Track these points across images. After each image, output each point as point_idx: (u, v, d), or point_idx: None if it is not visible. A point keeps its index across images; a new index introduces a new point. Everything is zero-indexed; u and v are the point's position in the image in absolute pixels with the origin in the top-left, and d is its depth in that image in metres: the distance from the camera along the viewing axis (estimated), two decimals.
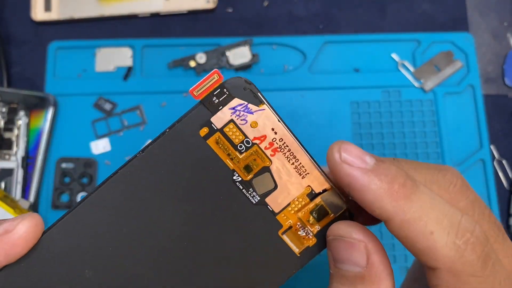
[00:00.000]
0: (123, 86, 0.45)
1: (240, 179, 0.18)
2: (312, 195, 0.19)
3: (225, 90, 0.18)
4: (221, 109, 0.18)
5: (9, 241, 0.17)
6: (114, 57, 0.45)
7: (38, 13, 0.46)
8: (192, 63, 0.45)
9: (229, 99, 0.18)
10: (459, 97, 0.45)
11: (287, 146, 0.18)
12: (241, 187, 0.18)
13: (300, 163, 0.18)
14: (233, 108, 0.18)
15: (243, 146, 0.18)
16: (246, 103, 0.18)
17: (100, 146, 0.43)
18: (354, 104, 0.45)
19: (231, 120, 0.18)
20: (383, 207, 0.16)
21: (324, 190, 0.19)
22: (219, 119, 0.18)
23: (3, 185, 0.42)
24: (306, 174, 0.18)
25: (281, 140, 0.18)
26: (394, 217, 0.16)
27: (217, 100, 0.18)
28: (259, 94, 0.18)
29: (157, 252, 0.18)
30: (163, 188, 0.18)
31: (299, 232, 0.19)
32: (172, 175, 0.18)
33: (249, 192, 0.18)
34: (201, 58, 0.45)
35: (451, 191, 0.18)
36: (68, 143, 0.43)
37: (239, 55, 0.45)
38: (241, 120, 0.18)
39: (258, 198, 0.18)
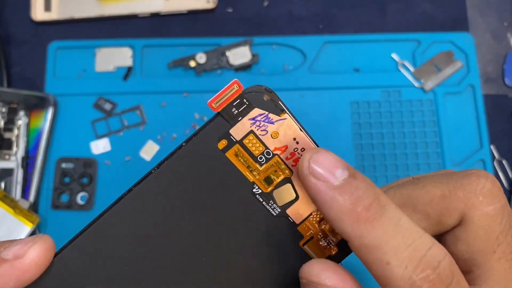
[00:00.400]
0: (123, 86, 0.45)
1: (260, 191, 0.18)
2: None
3: (244, 100, 0.17)
4: (240, 120, 0.17)
5: (20, 267, 0.16)
6: (114, 57, 0.45)
7: (38, 13, 0.46)
8: (192, 63, 0.45)
9: (249, 110, 0.17)
10: (459, 97, 0.45)
11: None
12: (261, 200, 0.18)
13: None
14: (253, 119, 0.17)
15: (263, 157, 0.18)
16: (266, 112, 0.17)
17: (100, 146, 0.43)
18: (354, 104, 0.45)
19: (251, 131, 0.17)
20: (343, 228, 0.16)
21: None
22: (239, 130, 0.17)
23: (3, 185, 0.42)
24: None
25: (303, 149, 0.18)
26: (353, 239, 0.16)
27: (236, 111, 0.17)
28: (280, 102, 0.17)
29: (175, 270, 0.18)
30: (181, 204, 0.18)
31: (320, 243, 0.18)
32: (190, 190, 0.18)
33: (270, 204, 0.18)
34: (201, 58, 0.45)
35: (479, 194, 0.17)
36: (68, 143, 0.43)
37: (239, 55, 0.45)
38: (261, 130, 0.17)
39: (279, 210, 0.18)
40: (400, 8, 0.48)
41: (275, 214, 0.18)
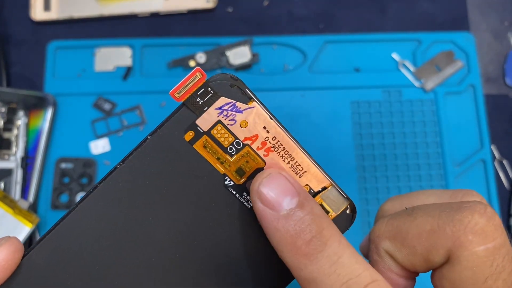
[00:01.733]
0: (123, 86, 0.44)
1: (232, 183, 0.17)
2: (311, 194, 0.17)
3: (209, 89, 0.16)
4: (206, 110, 0.17)
5: None
6: (113, 56, 0.45)
7: (38, 13, 0.46)
8: (192, 63, 0.45)
9: (215, 99, 0.17)
10: (460, 97, 0.45)
11: (281, 144, 0.17)
12: (234, 192, 0.17)
13: (296, 162, 0.17)
14: (220, 108, 0.17)
15: (233, 148, 0.17)
16: (233, 101, 0.17)
17: (99, 146, 0.43)
18: (354, 104, 0.44)
19: (219, 121, 0.17)
20: (283, 257, 0.16)
21: (324, 188, 0.18)
22: (205, 121, 0.17)
23: (2, 185, 0.42)
24: (303, 173, 0.17)
25: (274, 138, 0.17)
26: (291, 269, 0.16)
27: (201, 101, 0.17)
28: (247, 90, 0.17)
29: (147, 267, 0.17)
30: (150, 199, 0.17)
31: None
32: (159, 184, 0.17)
33: (243, 197, 0.17)
34: (201, 57, 0.45)
35: (468, 233, 0.16)
36: (67, 143, 0.43)
37: (239, 54, 0.45)
38: (229, 120, 0.17)
39: None
40: (400, 8, 0.47)
41: (249, 207, 0.17)
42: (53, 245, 0.17)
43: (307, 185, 0.18)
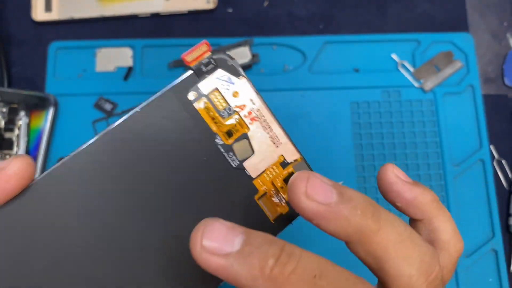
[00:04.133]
0: (124, 86, 0.45)
1: (222, 142, 0.20)
2: (285, 164, 0.20)
3: (212, 60, 0.20)
4: (207, 77, 0.20)
5: (3, 177, 0.18)
6: (114, 57, 0.45)
7: (39, 13, 0.46)
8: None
9: (215, 69, 0.20)
10: (459, 97, 0.45)
11: (263, 116, 0.20)
12: (223, 150, 0.20)
13: (274, 133, 0.20)
14: (218, 78, 0.20)
15: (225, 112, 0.20)
16: (229, 74, 0.20)
17: None
18: (354, 104, 0.45)
19: (216, 88, 0.20)
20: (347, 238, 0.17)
21: (295, 160, 0.20)
22: (206, 86, 0.20)
23: None
24: (279, 144, 0.20)
25: (258, 110, 0.20)
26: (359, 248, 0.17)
27: (205, 69, 0.20)
28: (240, 69, 0.20)
29: (131, 212, 0.19)
30: (150, 146, 0.19)
31: (273, 198, 0.20)
32: (161, 134, 0.20)
33: (230, 156, 0.20)
34: None
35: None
36: (68, 143, 0.43)
37: (239, 55, 0.45)
38: (224, 89, 0.20)
39: (238, 162, 0.20)
40: (400, 8, 0.48)
41: (234, 166, 0.20)
42: (48, 185, 0.19)
43: (282, 155, 0.20)
